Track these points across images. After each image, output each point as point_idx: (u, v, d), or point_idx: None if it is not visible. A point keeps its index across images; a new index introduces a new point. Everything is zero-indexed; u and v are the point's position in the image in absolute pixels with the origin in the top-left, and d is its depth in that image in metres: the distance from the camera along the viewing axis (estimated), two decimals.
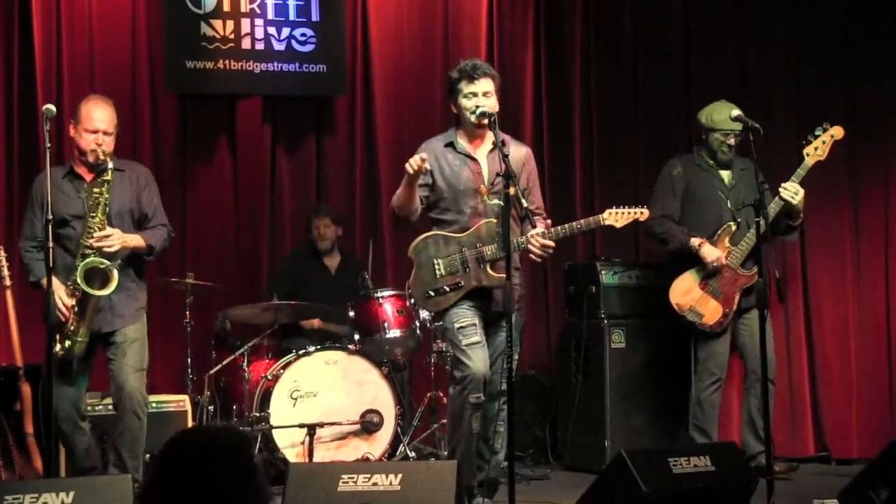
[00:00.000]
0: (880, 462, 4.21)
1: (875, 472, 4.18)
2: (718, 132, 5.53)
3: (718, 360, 5.51)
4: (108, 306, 4.71)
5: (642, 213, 4.71)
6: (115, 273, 4.59)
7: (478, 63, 4.67)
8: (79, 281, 4.56)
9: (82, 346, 4.64)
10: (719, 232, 5.50)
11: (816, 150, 5.38)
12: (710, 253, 5.45)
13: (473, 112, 4.57)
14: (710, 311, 5.47)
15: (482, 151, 4.70)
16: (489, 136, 4.65)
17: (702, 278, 5.50)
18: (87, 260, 4.58)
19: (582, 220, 4.66)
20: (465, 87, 4.61)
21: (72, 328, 4.60)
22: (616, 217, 4.66)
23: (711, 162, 5.60)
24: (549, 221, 4.72)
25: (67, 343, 4.60)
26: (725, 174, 5.60)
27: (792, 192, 5.32)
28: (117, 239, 4.63)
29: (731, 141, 5.52)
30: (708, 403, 5.51)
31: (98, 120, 4.73)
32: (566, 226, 4.58)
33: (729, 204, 5.53)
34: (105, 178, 4.63)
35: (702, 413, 5.51)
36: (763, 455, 4.74)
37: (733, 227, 5.48)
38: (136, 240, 4.76)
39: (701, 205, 5.58)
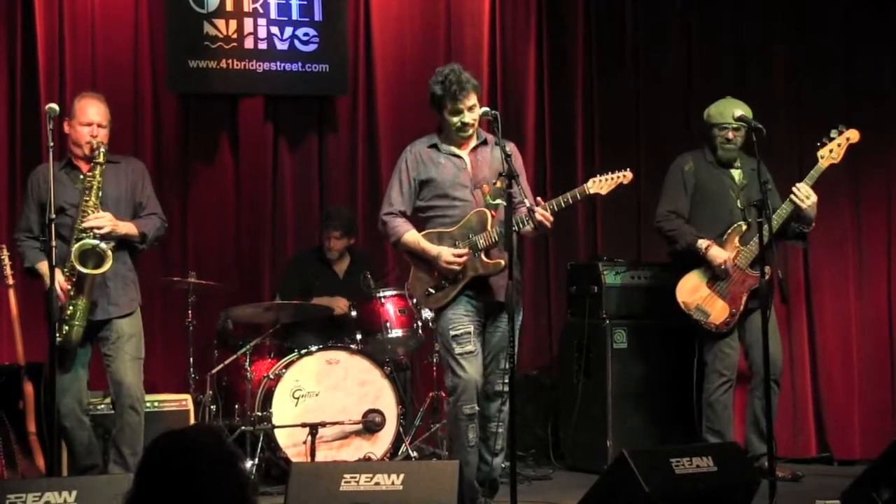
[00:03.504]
0: (882, 462, 4.20)
1: (877, 472, 4.16)
2: (716, 127, 5.50)
3: (727, 361, 5.46)
4: (103, 293, 4.75)
5: (625, 177, 4.73)
6: (109, 252, 4.64)
7: (462, 80, 4.63)
8: (74, 261, 4.60)
9: (80, 331, 4.68)
10: (729, 231, 5.44)
11: (831, 152, 5.32)
12: (718, 255, 5.39)
13: (459, 128, 4.65)
14: (717, 311, 5.43)
15: (465, 150, 4.77)
16: (473, 138, 4.73)
17: (709, 277, 5.45)
18: (81, 242, 4.64)
19: (568, 193, 4.66)
20: (450, 105, 4.64)
21: (69, 312, 4.63)
22: (600, 184, 4.70)
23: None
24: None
25: (65, 328, 4.63)
26: (736, 173, 5.54)
27: (803, 195, 5.24)
28: (108, 221, 4.70)
29: (730, 136, 5.47)
30: (720, 405, 5.45)
31: (92, 113, 4.83)
32: (553, 200, 4.60)
33: (739, 203, 5.46)
34: (97, 160, 4.70)
35: (714, 415, 5.45)
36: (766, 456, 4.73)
37: (743, 227, 5.40)
38: (127, 226, 4.82)
39: (711, 202, 5.52)
